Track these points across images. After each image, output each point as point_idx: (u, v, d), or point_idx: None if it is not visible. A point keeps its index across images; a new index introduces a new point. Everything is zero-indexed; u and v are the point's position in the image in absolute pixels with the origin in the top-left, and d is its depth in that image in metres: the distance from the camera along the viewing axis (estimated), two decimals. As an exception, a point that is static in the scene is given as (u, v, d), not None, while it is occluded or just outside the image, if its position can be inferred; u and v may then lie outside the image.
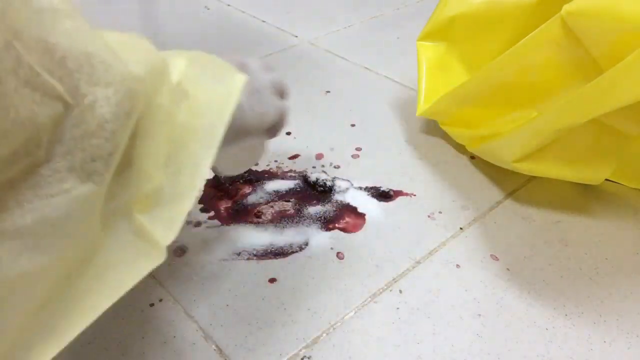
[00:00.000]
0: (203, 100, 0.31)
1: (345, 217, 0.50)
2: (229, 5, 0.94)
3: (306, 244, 0.47)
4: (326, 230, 0.49)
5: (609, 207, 0.52)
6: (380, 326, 0.41)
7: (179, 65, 0.31)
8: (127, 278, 0.28)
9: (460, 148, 0.59)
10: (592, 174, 0.50)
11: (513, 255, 0.47)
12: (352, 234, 0.49)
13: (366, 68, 0.75)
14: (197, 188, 0.30)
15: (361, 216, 0.50)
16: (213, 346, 0.39)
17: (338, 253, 0.47)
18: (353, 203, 0.52)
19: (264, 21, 0.89)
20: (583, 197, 0.53)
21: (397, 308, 0.42)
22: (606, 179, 0.53)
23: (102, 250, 0.28)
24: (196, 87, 0.31)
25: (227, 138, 0.34)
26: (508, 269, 0.45)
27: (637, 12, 0.38)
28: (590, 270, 0.46)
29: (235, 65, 0.37)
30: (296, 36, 0.84)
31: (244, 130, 0.37)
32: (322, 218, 0.50)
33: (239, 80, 0.32)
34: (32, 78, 0.22)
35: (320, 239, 0.48)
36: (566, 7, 0.41)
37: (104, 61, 0.24)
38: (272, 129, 0.40)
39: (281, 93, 0.41)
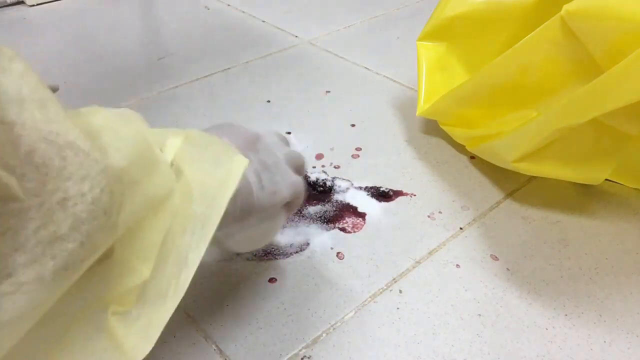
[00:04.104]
0: (199, 183, 0.28)
1: (345, 217, 0.50)
2: (229, 5, 0.94)
3: (306, 244, 0.47)
4: (326, 230, 0.49)
5: (609, 207, 0.52)
6: (380, 326, 0.41)
7: (174, 144, 0.29)
8: None
9: (460, 148, 0.58)
10: (592, 174, 0.49)
11: (513, 255, 0.47)
12: (352, 234, 0.49)
13: (366, 68, 0.75)
14: (182, 289, 0.27)
15: (361, 216, 0.50)
16: (213, 346, 0.39)
17: (338, 253, 0.47)
18: (353, 203, 0.52)
19: (264, 21, 0.89)
20: (583, 197, 0.53)
21: (397, 308, 0.42)
22: (606, 179, 0.53)
23: (69, 347, 0.25)
24: (192, 169, 0.29)
25: (234, 218, 0.33)
26: (508, 269, 0.45)
27: (637, 12, 0.38)
28: (590, 270, 0.46)
29: (247, 138, 0.35)
30: (296, 36, 0.84)
31: (253, 210, 0.34)
32: (322, 218, 0.50)
33: (239, 163, 0.30)
34: None
35: (320, 239, 0.48)
36: (566, 7, 0.41)
37: (78, 153, 0.21)
38: (289, 205, 0.38)
39: (297, 168, 0.39)
